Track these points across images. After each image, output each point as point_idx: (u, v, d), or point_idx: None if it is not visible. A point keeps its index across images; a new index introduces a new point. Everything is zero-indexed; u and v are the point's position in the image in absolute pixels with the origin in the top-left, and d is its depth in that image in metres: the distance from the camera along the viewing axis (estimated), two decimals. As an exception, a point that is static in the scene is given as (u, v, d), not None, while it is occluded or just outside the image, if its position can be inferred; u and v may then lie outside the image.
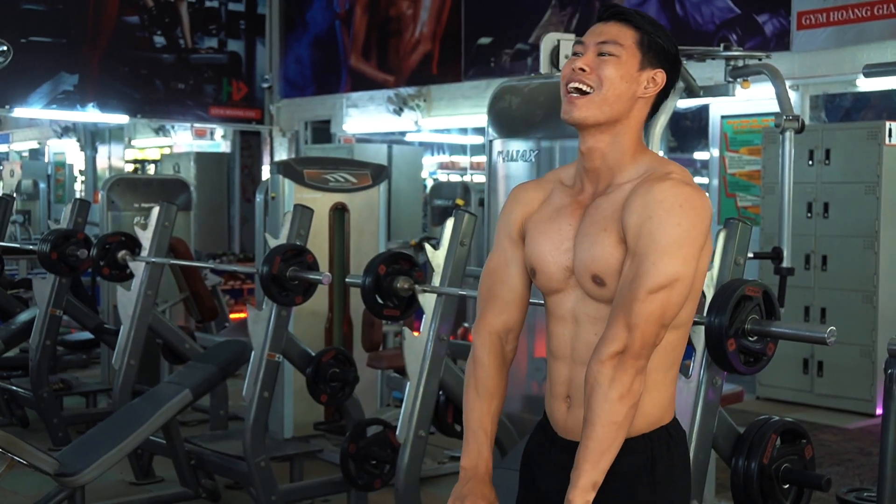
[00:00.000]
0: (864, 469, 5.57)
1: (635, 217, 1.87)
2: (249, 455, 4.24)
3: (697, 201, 1.87)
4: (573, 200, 2.02)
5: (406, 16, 11.33)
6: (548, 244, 2.00)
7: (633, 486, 1.94)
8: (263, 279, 4.14)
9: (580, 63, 1.94)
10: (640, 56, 1.94)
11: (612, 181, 1.98)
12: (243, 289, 10.70)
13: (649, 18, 1.99)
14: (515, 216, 2.09)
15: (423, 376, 3.64)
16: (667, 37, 1.99)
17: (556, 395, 2.03)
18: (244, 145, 13.70)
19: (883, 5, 7.21)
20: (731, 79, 4.52)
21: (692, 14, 8.43)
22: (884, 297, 6.88)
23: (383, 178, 5.97)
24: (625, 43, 1.94)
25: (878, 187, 6.83)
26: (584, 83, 1.94)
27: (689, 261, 1.86)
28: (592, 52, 1.95)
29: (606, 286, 1.91)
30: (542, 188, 2.10)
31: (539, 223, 2.03)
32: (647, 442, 1.95)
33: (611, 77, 1.93)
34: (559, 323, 2.01)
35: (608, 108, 1.94)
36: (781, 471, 2.93)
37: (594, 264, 1.92)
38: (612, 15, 1.98)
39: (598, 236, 1.92)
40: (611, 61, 1.93)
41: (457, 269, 3.65)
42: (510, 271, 2.10)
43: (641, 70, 1.95)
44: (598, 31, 1.97)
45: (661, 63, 1.97)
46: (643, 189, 1.89)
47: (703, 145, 8.55)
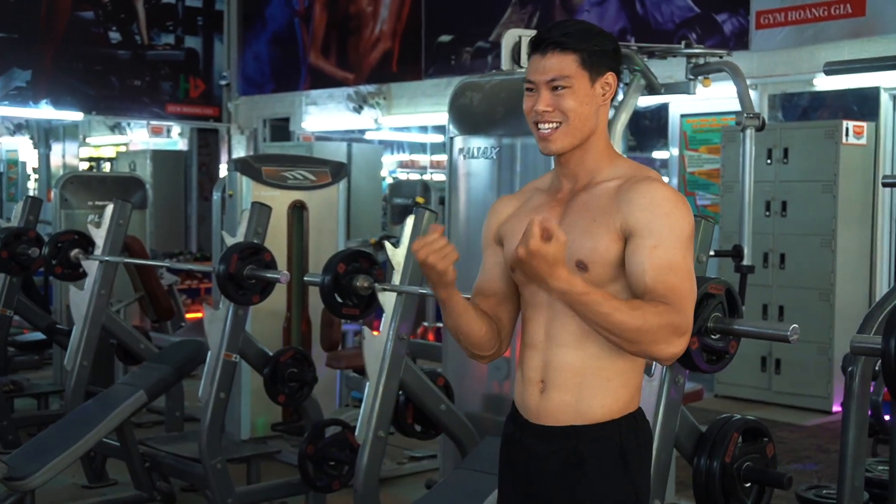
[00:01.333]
0: (822, 466, 5.60)
1: (647, 212, 1.98)
2: (205, 457, 4.18)
3: (688, 205, 2.06)
4: (552, 199, 2.14)
5: (366, 13, 11.26)
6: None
7: (608, 472, 2.06)
8: (220, 278, 4.07)
9: (541, 105, 2.04)
10: (588, 74, 2.04)
11: (591, 180, 2.10)
12: (200, 288, 10.59)
13: (579, 29, 2.05)
14: (491, 226, 2.24)
15: (383, 376, 3.60)
16: (601, 37, 2.07)
17: (529, 380, 2.11)
18: (202, 143, 13.55)
19: (840, 5, 7.26)
20: (692, 76, 4.51)
21: (652, 13, 8.45)
22: (840, 296, 6.93)
23: (342, 175, 5.91)
24: (571, 72, 2.02)
25: (835, 186, 6.88)
26: (551, 121, 2.05)
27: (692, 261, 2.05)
28: (546, 89, 2.04)
29: (590, 271, 2.01)
30: (518, 198, 2.25)
31: (518, 223, 2.14)
32: (616, 428, 2.06)
33: (572, 108, 2.03)
34: (535, 311, 2.12)
35: (579, 132, 2.06)
36: (743, 469, 2.92)
37: (580, 251, 2.02)
38: (546, 46, 2.04)
39: (589, 226, 2.03)
40: (566, 94, 2.03)
41: (417, 267, 3.60)
42: (486, 269, 2.24)
43: (594, 84, 2.05)
44: (541, 69, 2.04)
45: (608, 65, 2.07)
46: (644, 188, 2.01)
47: (662, 144, 8.56)
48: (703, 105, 7.86)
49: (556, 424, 2.07)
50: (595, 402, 2.04)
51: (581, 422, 2.05)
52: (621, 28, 8.63)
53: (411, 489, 4.97)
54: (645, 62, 4.58)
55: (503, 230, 2.20)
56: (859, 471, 3.01)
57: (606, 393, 2.04)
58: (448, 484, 3.16)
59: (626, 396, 2.07)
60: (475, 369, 4.23)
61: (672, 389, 2.86)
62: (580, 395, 2.04)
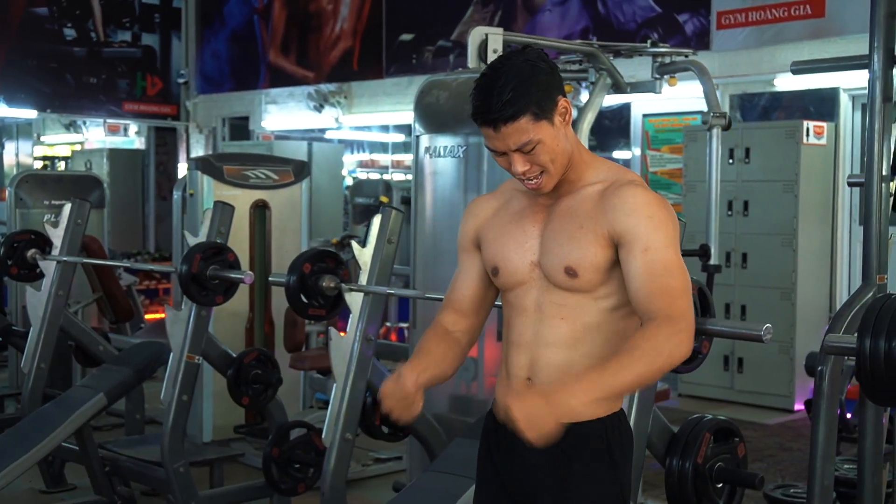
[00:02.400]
0: (785, 465, 5.63)
1: (632, 217, 1.99)
2: (167, 460, 4.10)
3: (669, 204, 2.07)
4: (534, 203, 2.13)
5: (326, 11, 11.18)
6: (510, 243, 2.13)
7: (595, 469, 2.06)
8: (183, 278, 4.00)
9: (520, 169, 2.01)
10: (544, 120, 1.99)
11: (573, 185, 2.10)
12: (158, 289, 10.47)
13: (514, 86, 1.95)
14: (468, 228, 2.23)
15: (350, 377, 3.54)
16: (534, 76, 1.97)
17: (515, 377, 2.12)
18: (159, 142, 13.40)
19: (800, 6, 7.32)
20: (658, 76, 4.52)
21: (614, 12, 8.46)
22: (802, 295, 6.98)
23: (305, 174, 5.85)
24: (530, 133, 1.98)
25: (796, 186, 6.93)
26: (535, 176, 2.03)
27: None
28: (515, 154, 2.00)
29: (579, 277, 2.03)
30: (496, 198, 2.22)
31: (500, 227, 2.15)
32: (602, 426, 2.07)
33: (548, 159, 2.01)
34: (521, 314, 2.11)
35: (561, 168, 2.05)
36: (715, 470, 2.90)
37: (569, 258, 2.03)
38: (494, 121, 1.96)
39: (576, 233, 2.04)
40: (537, 151, 2.00)
41: (384, 267, 3.56)
42: (460, 277, 2.25)
43: (554, 122, 2.01)
44: (501, 141, 1.99)
45: (554, 93, 2.01)
46: (626, 192, 2.01)
47: (623, 144, 8.58)
48: (665, 105, 7.89)
49: None
50: None
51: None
52: (583, 28, 8.64)
53: (377, 491, 4.93)
54: (611, 61, 4.58)
55: (483, 233, 2.18)
56: (829, 470, 3.01)
57: None
58: (418, 486, 3.12)
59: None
60: (442, 370, 4.19)
61: (644, 389, 2.85)
62: None
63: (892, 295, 2.31)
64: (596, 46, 4.47)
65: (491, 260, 2.15)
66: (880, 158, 3.16)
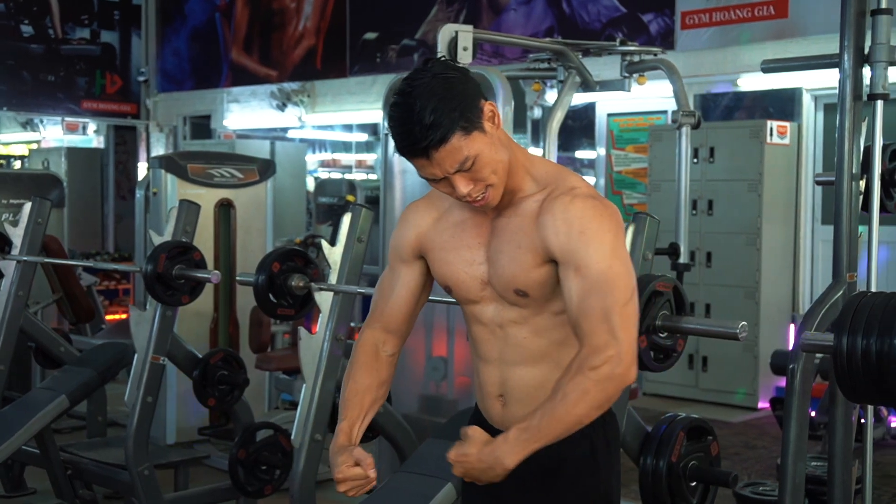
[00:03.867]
0: (751, 462, 5.66)
1: (562, 235, 1.89)
2: (132, 463, 4.04)
3: (609, 210, 1.93)
4: (475, 214, 2.02)
5: (289, 9, 11.09)
6: (459, 261, 2.02)
7: (579, 473, 2.01)
8: (148, 278, 3.94)
9: (464, 190, 1.88)
10: (475, 131, 1.86)
11: (513, 195, 1.98)
12: (118, 289, 10.34)
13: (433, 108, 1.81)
14: (408, 237, 2.09)
15: (320, 377, 3.49)
16: (448, 89, 1.83)
17: (489, 394, 2.07)
18: (119, 141, 13.23)
19: (763, 7, 7.36)
20: (626, 74, 4.51)
21: (579, 12, 8.47)
22: (765, 293, 7.03)
23: (271, 173, 5.80)
24: (465, 150, 1.84)
25: (760, 185, 6.98)
26: (479, 195, 1.91)
27: (627, 260, 1.92)
28: (456, 176, 1.87)
29: (530, 297, 1.96)
30: (433, 205, 2.08)
31: (442, 241, 2.04)
32: (586, 429, 1.96)
33: (490, 171, 1.89)
34: (483, 329, 2.05)
35: (504, 176, 1.93)
36: (689, 468, 2.90)
37: (515, 280, 1.95)
38: (424, 150, 1.83)
39: (515, 253, 1.94)
40: (477, 167, 1.87)
41: (354, 266, 3.52)
42: (395, 290, 2.12)
43: (485, 131, 1.88)
44: (436, 164, 1.85)
45: (476, 100, 1.87)
46: (559, 207, 1.90)
47: (587, 144, 8.60)
48: (630, 104, 7.91)
49: None
50: None
51: None
52: (548, 27, 8.64)
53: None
54: (580, 59, 4.57)
55: (425, 245, 2.06)
56: (801, 468, 3.01)
57: None
58: (390, 487, 3.08)
59: None
60: (412, 370, 4.17)
61: (619, 388, 2.83)
62: None
63: (868, 292, 2.31)
64: (565, 44, 4.46)
65: (441, 279, 2.06)
66: (850, 157, 3.18)
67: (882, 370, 2.13)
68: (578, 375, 1.82)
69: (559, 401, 1.82)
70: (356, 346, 2.13)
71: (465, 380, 4.09)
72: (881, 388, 2.15)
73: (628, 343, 1.84)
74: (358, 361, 2.10)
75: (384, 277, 2.15)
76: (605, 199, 1.96)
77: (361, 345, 2.12)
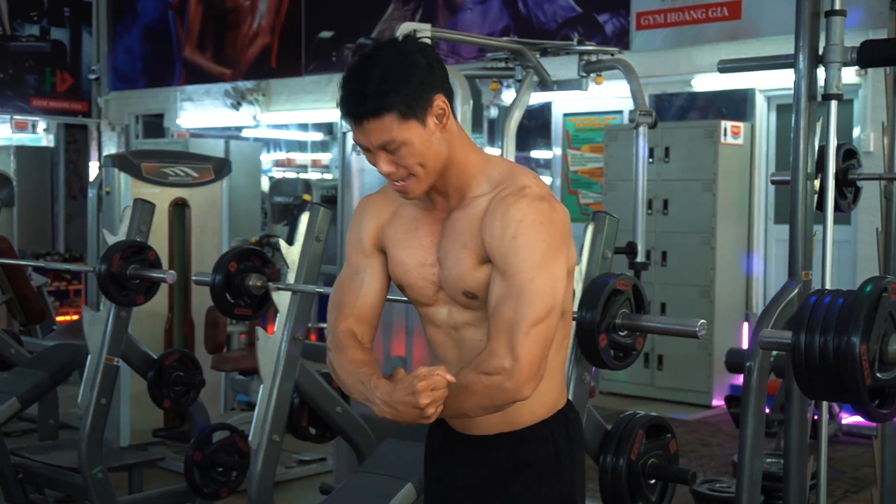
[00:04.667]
0: (706, 460, 5.71)
1: (496, 238, 1.85)
2: (85, 466, 3.98)
3: (554, 214, 1.87)
4: (428, 213, 1.99)
5: (244, 7, 11.00)
6: (412, 261, 1.99)
7: (542, 474, 1.97)
8: (101, 278, 3.88)
9: (384, 168, 1.86)
10: (413, 120, 1.83)
11: (464, 194, 1.94)
12: (69, 290, 10.19)
13: (379, 76, 1.80)
14: (367, 229, 2.04)
15: (278, 378, 3.46)
16: (406, 69, 1.82)
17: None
18: (69, 139, 13.04)
19: (717, 8, 7.43)
20: (584, 73, 4.53)
21: (535, 12, 8.49)
22: (720, 292, 7.10)
23: (226, 172, 5.75)
24: (394, 133, 1.82)
25: (714, 184, 7.05)
26: (401, 177, 1.88)
27: (558, 271, 1.86)
28: (380, 152, 1.85)
29: (479, 298, 1.92)
30: (389, 200, 2.03)
31: (398, 238, 2.00)
32: (548, 429, 1.98)
33: (414, 161, 1.85)
34: (438, 331, 2.01)
35: (434, 172, 1.89)
36: (648, 466, 2.91)
37: (462, 281, 1.92)
38: (356, 115, 1.82)
39: (461, 254, 1.91)
40: (402, 153, 1.84)
41: (312, 265, 3.49)
42: (365, 282, 2.05)
43: (426, 124, 1.85)
44: (364, 134, 1.84)
45: (429, 91, 1.85)
46: (501, 208, 1.86)
47: (543, 143, 8.62)
48: (586, 104, 7.95)
49: (486, 434, 1.98)
50: (524, 409, 1.94)
51: (512, 428, 1.97)
52: (504, 27, 8.66)
53: (302, 493, 4.86)
54: (537, 58, 4.58)
55: (385, 238, 2.02)
56: (757, 464, 3.04)
57: (534, 399, 1.90)
58: (349, 488, 3.06)
59: (554, 396, 2.00)
60: (370, 370, 4.13)
61: (579, 388, 2.84)
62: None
63: (824, 290, 2.33)
64: (523, 44, 4.46)
65: (396, 278, 2.03)
66: (805, 156, 3.21)
67: (839, 367, 2.14)
68: (472, 373, 1.81)
69: (466, 390, 1.81)
70: (336, 338, 2.01)
71: (423, 379, 4.07)
72: (838, 385, 2.17)
73: (526, 362, 1.79)
74: (347, 345, 1.97)
75: (346, 275, 2.07)
76: (555, 203, 1.90)
77: (342, 334, 2.00)
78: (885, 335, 2.16)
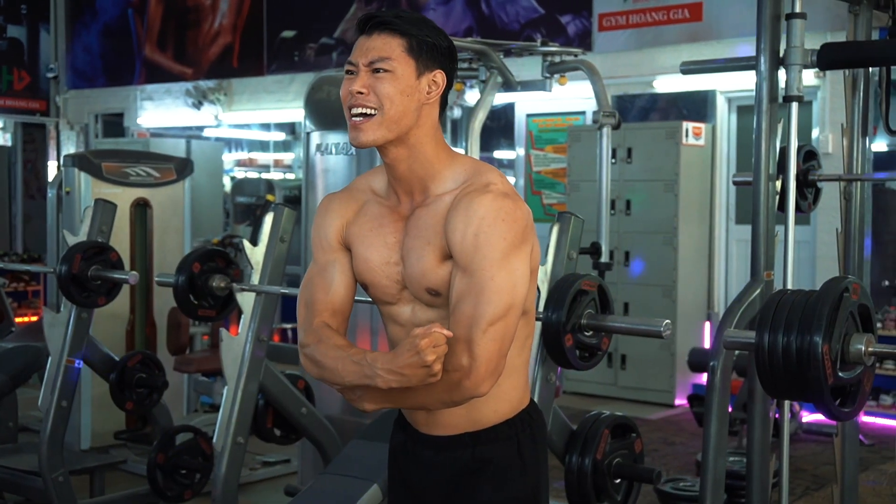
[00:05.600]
0: (669, 458, 5.75)
1: (458, 234, 1.85)
2: (46, 470, 3.94)
3: (518, 213, 1.86)
4: (392, 211, 1.98)
5: (205, 6, 10.92)
6: (376, 259, 1.98)
7: (505, 473, 1.98)
8: (62, 279, 3.84)
9: (357, 86, 1.85)
10: (413, 63, 1.87)
11: (428, 191, 1.94)
12: (27, 291, 10.06)
13: (413, 17, 1.90)
14: (332, 226, 2.02)
15: (242, 379, 3.45)
16: (435, 31, 1.91)
17: None
18: (27, 138, 12.87)
19: (678, 10, 7.49)
20: (548, 74, 4.54)
21: (497, 13, 8.51)
22: (682, 291, 7.15)
23: (188, 172, 5.70)
24: (394, 55, 1.85)
25: (676, 185, 7.10)
26: (365, 106, 1.86)
27: (520, 269, 1.86)
28: (365, 71, 1.86)
29: (442, 296, 1.91)
30: (353, 198, 2.03)
31: (361, 236, 1.99)
32: (512, 428, 1.98)
33: (390, 95, 1.85)
34: (400, 330, 2.00)
35: (395, 126, 1.87)
36: (613, 466, 2.93)
37: (425, 279, 1.91)
38: (373, 26, 1.88)
39: (424, 251, 1.90)
40: (386, 78, 1.85)
41: (277, 266, 3.48)
42: (335, 278, 2.02)
43: (419, 77, 1.88)
44: (365, 48, 1.87)
45: (438, 62, 1.90)
46: (464, 203, 1.86)
47: (506, 144, 8.64)
48: (548, 105, 7.97)
49: (450, 434, 1.98)
50: (487, 408, 1.95)
51: (475, 428, 1.97)
52: (467, 27, 8.67)
53: (266, 495, 4.83)
54: (501, 59, 4.59)
55: (349, 236, 2.00)
56: (721, 463, 3.07)
57: (497, 398, 1.93)
58: (315, 489, 3.05)
59: (517, 395, 2.00)
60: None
61: (544, 388, 2.85)
62: (470, 406, 1.92)
63: (787, 290, 2.35)
64: (487, 44, 4.47)
65: (360, 276, 2.01)
66: (767, 158, 3.24)
67: (802, 366, 2.17)
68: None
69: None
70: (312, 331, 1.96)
71: (388, 380, 4.06)
72: (801, 384, 2.19)
73: (484, 360, 1.80)
74: (325, 336, 1.93)
75: (313, 272, 2.04)
76: (518, 201, 1.89)
77: (318, 327, 1.96)
78: (846, 335, 2.19)
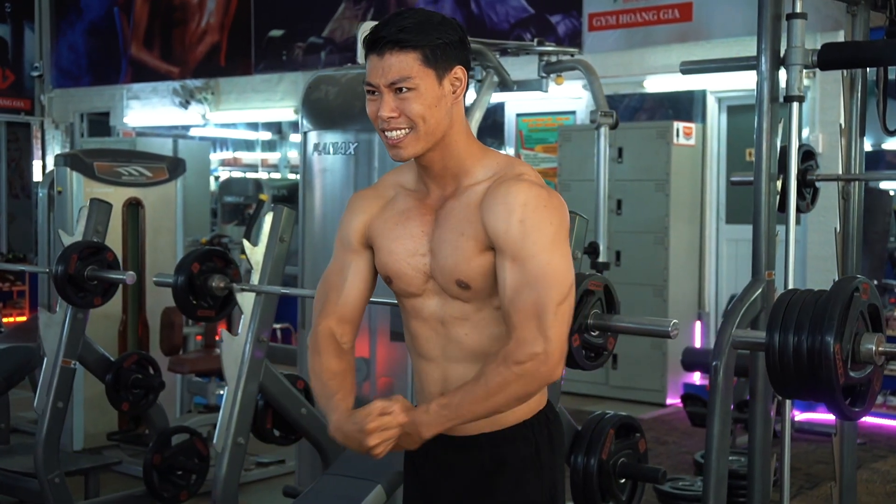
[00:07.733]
0: (662, 458, 5.75)
1: (502, 223, 1.84)
2: (41, 471, 3.91)
3: (555, 200, 1.89)
4: (421, 204, 1.98)
5: (192, 4, 10.87)
6: (402, 251, 1.97)
7: (523, 475, 1.97)
8: (58, 280, 3.81)
9: (385, 112, 1.85)
10: (433, 72, 1.85)
11: (460, 183, 1.94)
12: (12, 291, 10.01)
13: (418, 22, 1.86)
14: (355, 225, 2.03)
15: (242, 380, 3.43)
16: (444, 27, 1.88)
17: (431, 394, 2.00)
18: (11, 138, 12.79)
19: (668, 10, 7.50)
20: (543, 74, 4.54)
21: (487, 13, 8.51)
22: (673, 291, 7.16)
23: (180, 172, 5.69)
24: (413, 72, 1.83)
25: (667, 185, 7.11)
26: (398, 128, 1.86)
27: (568, 255, 1.89)
28: (388, 93, 1.85)
29: (472, 289, 1.91)
30: (380, 194, 2.04)
31: (386, 229, 1.99)
32: (529, 429, 1.99)
33: (420, 113, 1.85)
34: (423, 325, 1.99)
35: (432, 137, 1.88)
36: (619, 465, 2.92)
37: (457, 270, 1.90)
38: (383, 45, 1.84)
39: (458, 242, 1.90)
40: (410, 97, 1.84)
41: (276, 266, 3.46)
42: (348, 279, 2.04)
43: (441, 82, 1.87)
44: (380, 69, 1.85)
45: (455, 57, 1.89)
46: (501, 191, 1.86)
47: (496, 143, 8.64)
48: (539, 104, 7.97)
49: (467, 434, 1.97)
50: None
51: (493, 428, 1.96)
52: (457, 27, 8.65)
53: (262, 495, 4.81)
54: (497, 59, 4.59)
55: (371, 233, 2.01)
56: (723, 462, 3.07)
57: None
58: (317, 491, 3.04)
59: (536, 396, 1.98)
60: (332, 371, 4.10)
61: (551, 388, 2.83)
62: None
63: (797, 290, 2.35)
64: (484, 44, 4.47)
65: (383, 269, 2.01)
66: (768, 158, 3.25)
67: (813, 366, 2.17)
68: (502, 367, 1.81)
69: (480, 386, 1.82)
70: (315, 338, 2.03)
71: (387, 380, 4.06)
72: (811, 384, 2.20)
73: (558, 342, 1.82)
74: (323, 350, 2.00)
75: (332, 270, 2.06)
76: (552, 191, 1.91)
77: (321, 335, 2.02)
78: (857, 334, 2.20)
